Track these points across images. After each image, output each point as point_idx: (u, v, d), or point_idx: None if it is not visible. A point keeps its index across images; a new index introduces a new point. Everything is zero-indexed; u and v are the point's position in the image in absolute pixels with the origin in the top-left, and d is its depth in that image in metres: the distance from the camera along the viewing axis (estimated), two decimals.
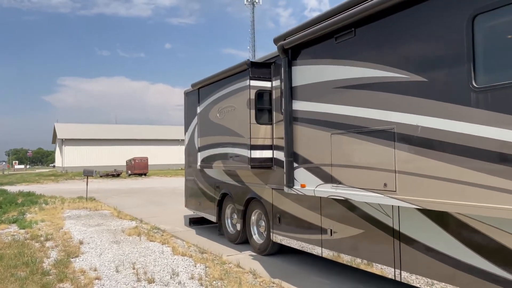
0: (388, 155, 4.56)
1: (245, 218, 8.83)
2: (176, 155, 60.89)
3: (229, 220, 9.79)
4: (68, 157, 57.96)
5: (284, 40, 6.03)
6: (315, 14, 5.89)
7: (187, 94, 11.88)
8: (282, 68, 6.17)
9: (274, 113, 7.66)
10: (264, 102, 7.75)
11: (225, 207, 9.81)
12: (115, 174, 43.37)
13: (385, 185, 4.54)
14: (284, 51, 6.04)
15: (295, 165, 6.02)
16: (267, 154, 7.71)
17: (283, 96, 6.17)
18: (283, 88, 6.19)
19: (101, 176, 42.30)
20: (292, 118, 6.05)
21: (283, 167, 7.29)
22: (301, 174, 5.91)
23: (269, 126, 7.73)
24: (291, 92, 6.05)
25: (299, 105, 5.94)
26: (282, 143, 7.40)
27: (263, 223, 8.35)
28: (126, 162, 46.53)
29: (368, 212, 5.55)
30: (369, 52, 4.82)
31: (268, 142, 7.74)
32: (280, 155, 7.49)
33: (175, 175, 44.08)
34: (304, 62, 5.85)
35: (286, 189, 6.20)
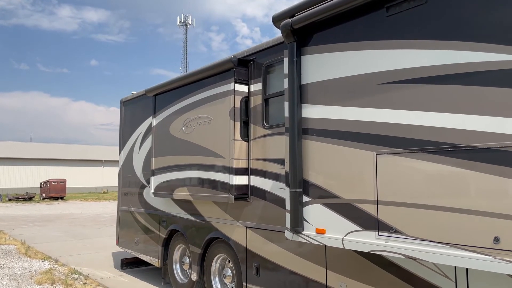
0: (502, 190, 2.76)
1: (203, 264, 6.69)
2: (98, 177, 56.43)
3: (178, 265, 7.58)
4: None
5: (293, 16, 4.14)
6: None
7: (124, 103, 9.62)
8: (287, 58, 4.23)
9: (251, 126, 5.79)
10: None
11: (173, 248, 7.59)
12: (26, 198, 38.70)
13: (496, 240, 2.73)
14: (292, 32, 4.14)
15: (306, 199, 4.05)
16: (243, 180, 5.75)
17: (288, 98, 4.22)
18: (287, 87, 4.24)
19: (9, 200, 37.66)
20: (301, 130, 4.12)
21: (264, 199, 5.48)
22: (317, 214, 3.95)
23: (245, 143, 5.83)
24: (300, 93, 4.14)
25: (314, 111, 4.02)
26: (261, 166, 5.55)
27: (230, 272, 6.28)
28: (41, 184, 41.70)
29: (410, 269, 3.82)
30: (457, 26, 3.06)
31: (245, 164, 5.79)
32: (258, 181, 5.59)
33: (96, 199, 40.22)
34: (326, 48, 3.96)
35: (289, 234, 4.20)
